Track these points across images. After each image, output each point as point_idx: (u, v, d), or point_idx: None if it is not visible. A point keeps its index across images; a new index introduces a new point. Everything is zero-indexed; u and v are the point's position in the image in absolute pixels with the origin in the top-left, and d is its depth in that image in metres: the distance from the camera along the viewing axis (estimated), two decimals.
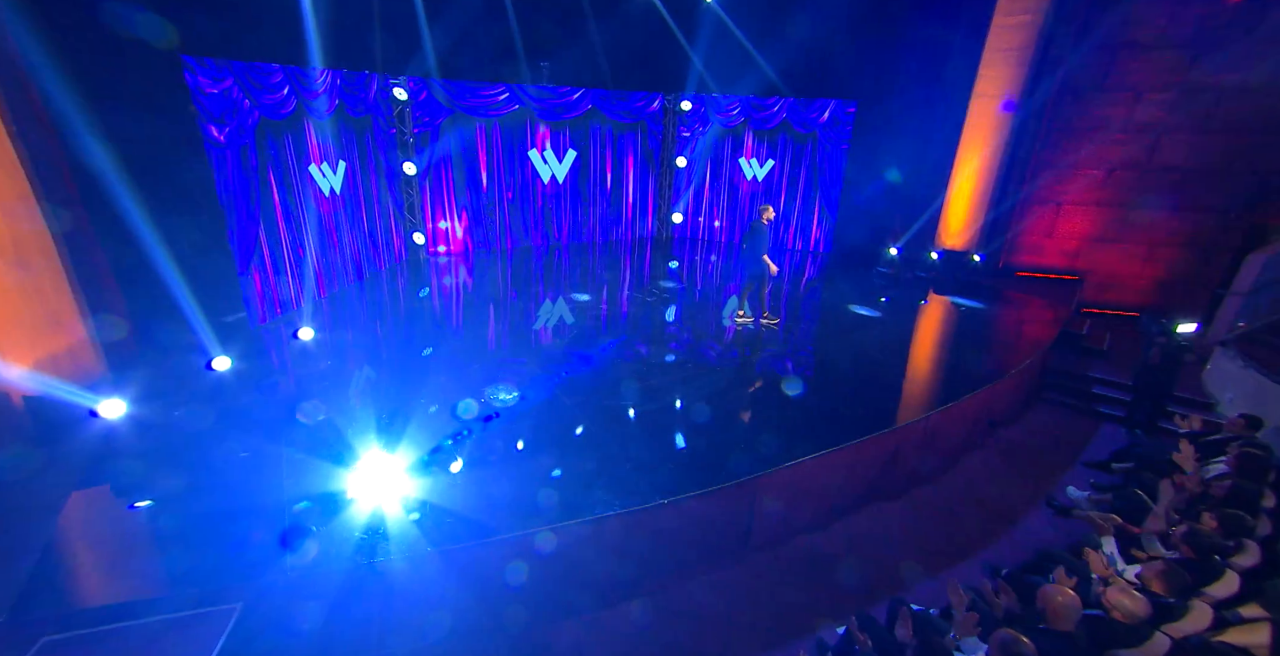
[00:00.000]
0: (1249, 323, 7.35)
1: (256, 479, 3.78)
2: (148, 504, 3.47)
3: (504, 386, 5.17)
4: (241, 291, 5.58)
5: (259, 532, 3.20)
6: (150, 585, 2.97)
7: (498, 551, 3.43)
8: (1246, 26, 7.47)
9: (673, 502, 3.78)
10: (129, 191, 4.37)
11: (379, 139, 7.97)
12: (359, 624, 3.25)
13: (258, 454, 3.95)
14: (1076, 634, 2.77)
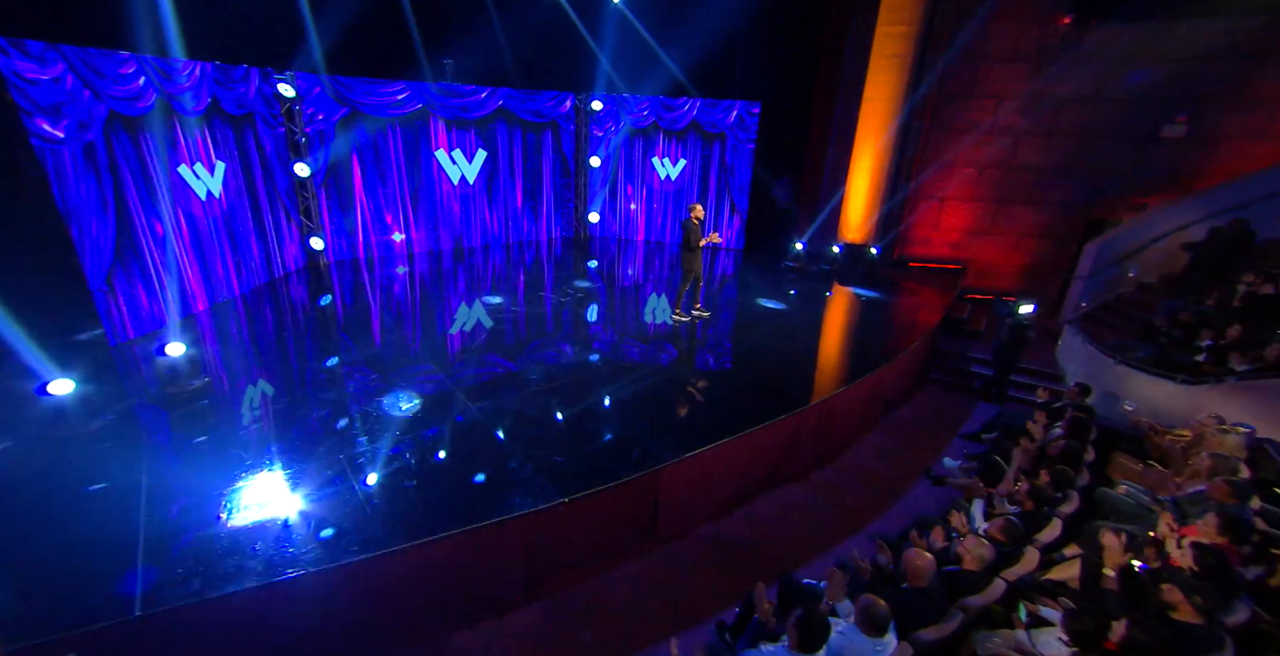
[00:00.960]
0: (1089, 303, 8.39)
1: (102, 514, 3.47)
2: None
3: (404, 395, 5.02)
4: (97, 306, 5.06)
5: (102, 573, 2.94)
6: None
7: (390, 565, 3.34)
8: (1073, 45, 8.47)
9: (574, 501, 3.83)
10: None
11: (265, 138, 7.45)
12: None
13: (111, 485, 3.63)
14: (931, 588, 3.08)
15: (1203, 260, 7.67)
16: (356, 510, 3.66)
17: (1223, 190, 8.00)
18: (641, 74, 10.33)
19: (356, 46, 8.02)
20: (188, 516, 3.51)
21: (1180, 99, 8.49)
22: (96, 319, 5.09)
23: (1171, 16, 8.17)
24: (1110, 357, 6.48)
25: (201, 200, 6.44)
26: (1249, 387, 5.44)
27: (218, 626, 2.95)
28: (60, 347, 4.39)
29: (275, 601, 3.06)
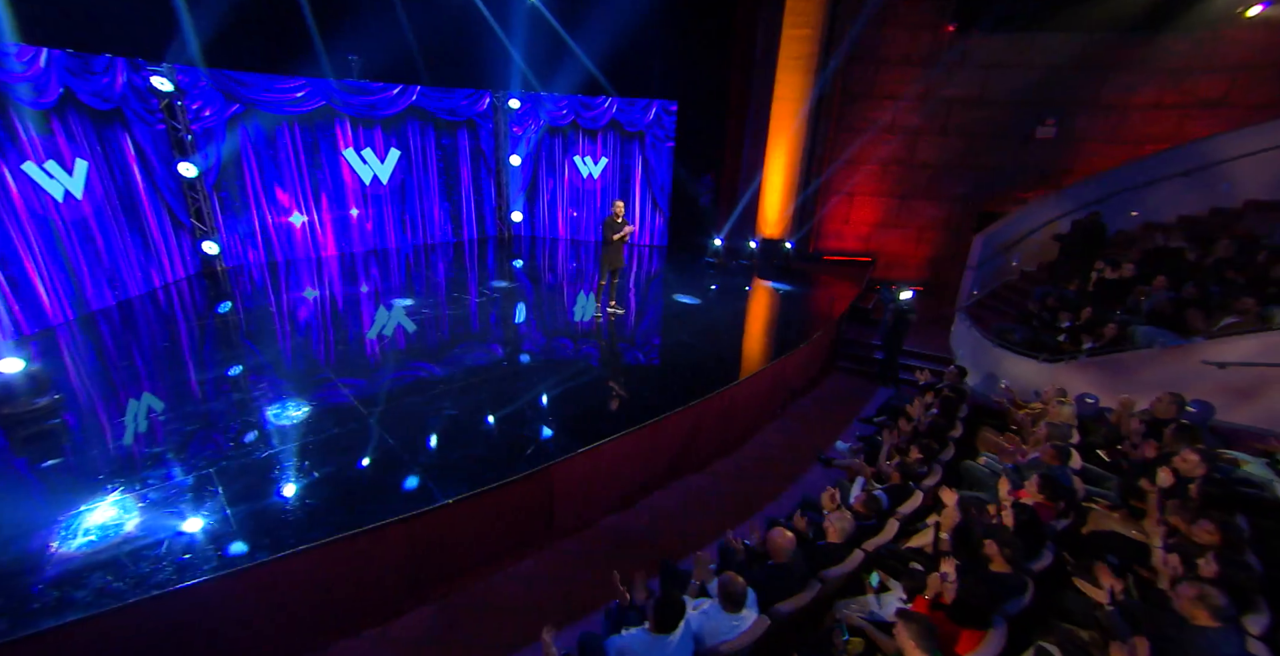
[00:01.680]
0: (980, 291, 9.05)
1: None
2: None
3: (292, 403, 4.84)
4: None
5: None
6: None
7: (254, 578, 3.23)
8: (958, 51, 9.10)
9: (459, 501, 3.81)
10: None
11: (141, 135, 6.95)
12: None
13: None
14: (791, 563, 3.27)
15: (1068, 250, 8.42)
16: (221, 524, 3.51)
17: (1084, 186, 8.80)
18: (560, 73, 10.30)
19: (250, 40, 7.60)
20: (15, 545, 3.27)
21: (1049, 103, 9.28)
22: None
23: (1037, 28, 8.91)
24: (989, 340, 7.03)
25: (58, 201, 5.94)
26: (1094, 363, 6.04)
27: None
28: None
29: (121, 627, 2.90)
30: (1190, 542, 3.19)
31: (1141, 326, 6.08)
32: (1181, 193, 8.42)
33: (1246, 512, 3.57)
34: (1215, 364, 5.48)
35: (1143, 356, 5.85)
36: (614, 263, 6.92)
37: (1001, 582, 3.07)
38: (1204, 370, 5.54)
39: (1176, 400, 4.67)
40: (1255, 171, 7.57)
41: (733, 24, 9.90)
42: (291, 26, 7.87)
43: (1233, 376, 5.44)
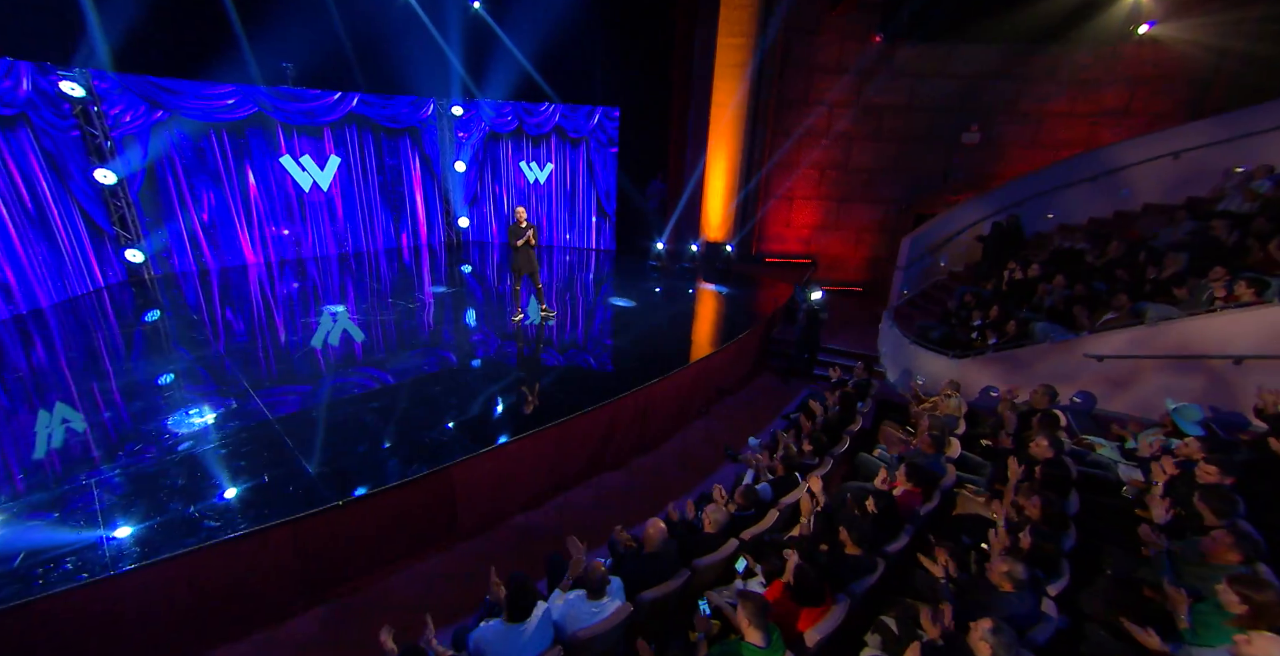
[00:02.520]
0: (910, 290, 9.40)
1: None
2: None
3: (195, 409, 4.86)
4: None
5: None
6: None
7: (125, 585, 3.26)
8: (886, 60, 9.47)
9: (349, 503, 3.89)
10: None
11: (49, 142, 6.85)
12: None
13: None
14: (662, 552, 3.42)
15: (988, 251, 8.81)
16: (96, 529, 3.53)
17: (1005, 190, 9.20)
18: (503, 79, 10.42)
19: (175, 45, 7.57)
20: None
21: (973, 111, 9.70)
22: None
23: (958, 40, 9.32)
24: (906, 337, 7.32)
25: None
26: (997, 358, 6.35)
27: None
28: None
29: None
30: (1024, 518, 3.45)
31: (1040, 323, 6.44)
32: (1091, 196, 8.87)
33: (1084, 491, 3.85)
34: (1095, 356, 5.83)
35: (1037, 351, 6.18)
36: (526, 267, 6.99)
37: (851, 564, 3.27)
38: (1086, 363, 5.89)
39: (1048, 391, 4.97)
40: (1150, 176, 8.03)
41: (672, 32, 10.13)
42: (219, 32, 7.84)
43: (1110, 368, 5.80)
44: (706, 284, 9.83)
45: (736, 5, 9.08)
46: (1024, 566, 2.90)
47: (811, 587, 2.98)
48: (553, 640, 2.95)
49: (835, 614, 3.00)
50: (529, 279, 7.17)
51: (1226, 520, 3.23)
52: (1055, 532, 3.38)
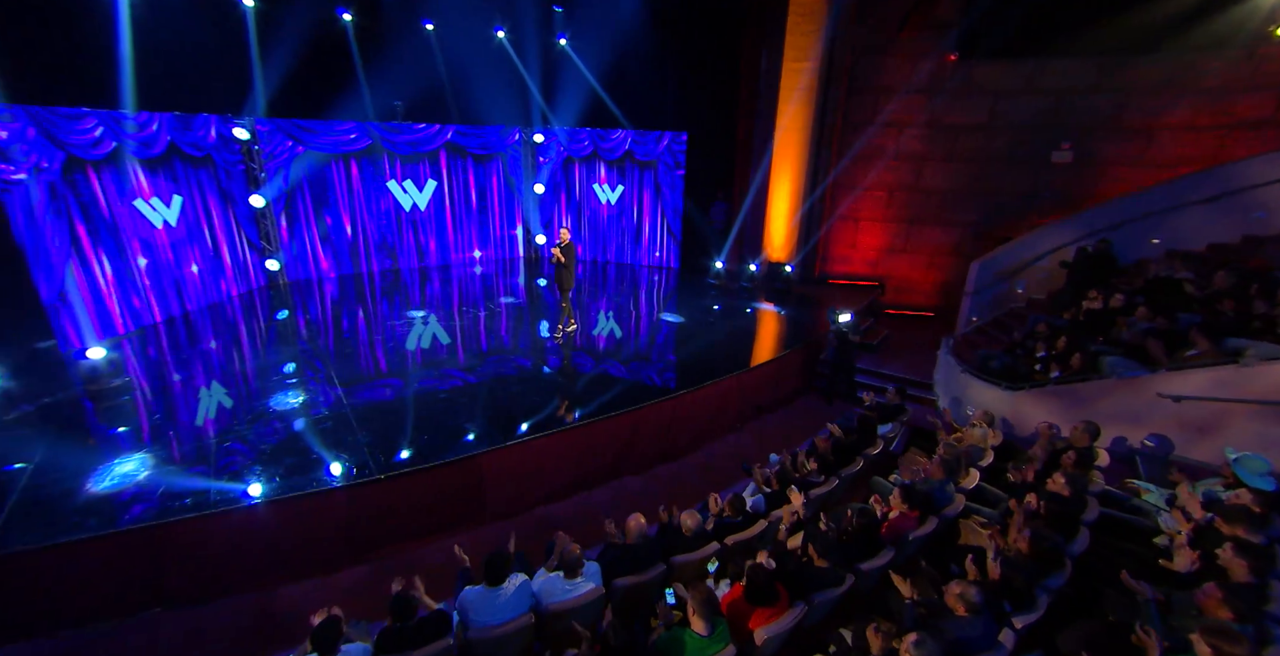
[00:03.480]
0: (981, 318, 8.86)
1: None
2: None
3: (289, 392, 5.92)
4: (51, 320, 6.17)
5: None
6: None
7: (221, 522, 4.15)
8: (962, 78, 9.13)
9: (391, 477, 4.60)
10: None
11: (224, 175, 8.63)
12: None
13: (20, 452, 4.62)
14: (640, 545, 3.73)
15: (1073, 277, 8.12)
16: (208, 485, 4.50)
17: (1098, 211, 8.46)
18: (579, 108, 11.33)
19: (311, 91, 9.20)
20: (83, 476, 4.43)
21: (1063, 128, 9.05)
22: (50, 331, 6.18)
23: (1045, 54, 8.79)
24: (959, 365, 6.99)
25: (157, 228, 7.58)
26: (1055, 392, 5.92)
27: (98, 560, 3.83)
28: (13, 355, 5.48)
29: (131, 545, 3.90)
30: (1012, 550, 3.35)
31: (1111, 357, 5.93)
32: (1211, 219, 7.93)
33: (1109, 535, 3.63)
34: (1171, 397, 5.29)
35: (1100, 386, 5.71)
36: (569, 284, 7.49)
37: (817, 575, 3.38)
38: (1160, 403, 5.36)
39: (1089, 429, 4.64)
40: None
41: (739, 59, 10.49)
42: (344, 77, 9.43)
43: (1191, 411, 5.22)
44: (763, 304, 9.92)
45: (802, 32, 9.28)
46: (978, 591, 2.89)
47: (764, 588, 3.15)
48: (529, 608, 3.37)
49: (788, 617, 3.15)
50: (567, 295, 7.68)
51: (1260, 579, 2.96)
52: (1042, 567, 3.25)
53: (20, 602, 3.75)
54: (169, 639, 3.95)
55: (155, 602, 4.10)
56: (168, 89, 7.34)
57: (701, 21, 10.43)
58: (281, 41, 8.61)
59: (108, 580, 3.93)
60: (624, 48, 10.53)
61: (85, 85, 6.46)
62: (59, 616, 3.84)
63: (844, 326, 7.30)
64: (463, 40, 10.18)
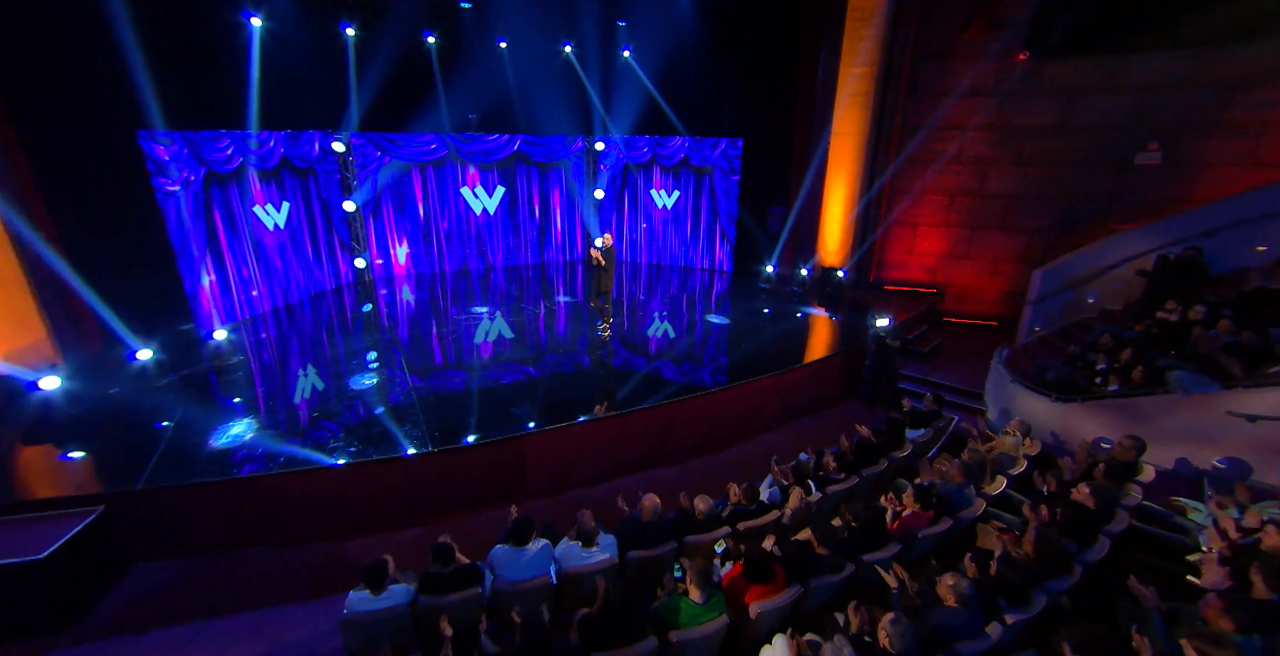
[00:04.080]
0: (1044, 327, 8.44)
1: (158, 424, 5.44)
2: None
3: (368, 374, 6.75)
4: (190, 307, 7.40)
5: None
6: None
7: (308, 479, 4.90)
8: (1032, 79, 8.74)
9: (441, 451, 5.20)
10: (92, 238, 6.28)
11: (323, 183, 9.83)
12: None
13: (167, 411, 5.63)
14: (653, 523, 4.07)
15: (1151, 287, 7.59)
16: (298, 449, 5.30)
17: (1187, 217, 7.86)
18: (639, 116, 11.81)
19: (396, 107, 10.26)
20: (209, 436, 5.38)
21: (1149, 127, 8.44)
22: (189, 314, 7.41)
23: (1128, 49, 8.26)
24: (1008, 375, 6.77)
25: (270, 230, 8.80)
26: (1110, 406, 5.66)
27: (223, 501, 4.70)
28: (164, 334, 6.68)
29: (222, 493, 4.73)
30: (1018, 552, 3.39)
31: (1179, 372, 5.59)
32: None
33: (1139, 550, 3.57)
34: (1244, 416, 4.95)
35: (1162, 402, 5.43)
36: (607, 285, 7.94)
37: (815, 561, 3.57)
38: (1232, 423, 5.03)
39: (1135, 444, 4.47)
40: None
41: (796, 66, 10.56)
42: (426, 93, 10.44)
43: (1267, 432, 4.87)
44: (813, 308, 9.92)
45: (860, 37, 9.25)
46: (970, 584, 3.00)
47: (761, 566, 3.39)
48: (549, 569, 3.79)
49: (784, 596, 3.37)
50: (604, 297, 8.12)
51: (1276, 595, 2.89)
52: (1045, 571, 3.27)
53: (160, 528, 4.65)
54: (263, 572, 4.73)
55: (256, 541, 4.91)
56: (282, 110, 8.53)
57: (758, 30, 10.60)
58: (374, 63, 9.70)
59: (221, 519, 4.77)
60: (682, 57, 10.89)
61: (222, 111, 7.69)
62: (185, 543, 4.72)
63: (881, 331, 7.26)
64: (531, 55, 10.95)
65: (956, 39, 8.99)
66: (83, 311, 6.38)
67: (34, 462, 5.08)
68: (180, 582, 4.60)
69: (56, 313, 6.21)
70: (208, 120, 7.50)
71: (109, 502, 4.42)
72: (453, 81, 10.61)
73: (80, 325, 6.55)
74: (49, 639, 3.96)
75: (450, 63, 10.50)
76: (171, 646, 4.04)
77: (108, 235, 6.62)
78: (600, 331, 8.32)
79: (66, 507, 4.31)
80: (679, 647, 3.14)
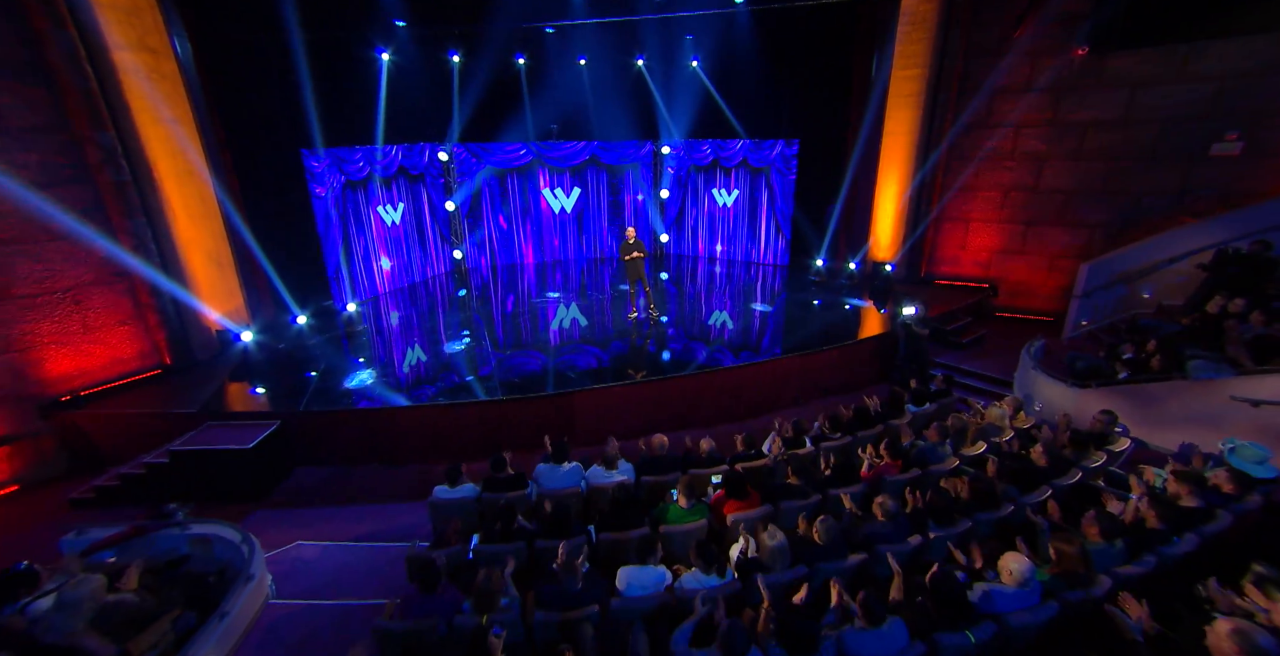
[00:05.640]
0: (1091, 321, 8.43)
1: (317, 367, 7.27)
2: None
3: (458, 342, 8.32)
4: (330, 286, 9.43)
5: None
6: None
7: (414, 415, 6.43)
8: (1092, 73, 8.67)
9: (505, 400, 6.53)
10: (268, 230, 8.35)
11: (430, 187, 11.73)
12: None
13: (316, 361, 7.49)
14: (667, 457, 5.09)
15: (1213, 282, 7.43)
16: (401, 393, 6.87)
17: (1258, 210, 7.60)
18: (703, 121, 12.75)
19: (489, 120, 11.95)
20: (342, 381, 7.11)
21: (1225, 117, 8.15)
22: (329, 293, 9.45)
23: (1203, 36, 8.03)
24: (1030, 362, 7.04)
25: (388, 226, 10.77)
26: (1123, 391, 5.91)
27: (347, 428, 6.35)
28: (314, 309, 8.67)
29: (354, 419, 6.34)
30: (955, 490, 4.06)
31: (1198, 360, 5.76)
32: None
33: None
34: (1248, 401, 5.13)
35: (1170, 387, 5.66)
36: (634, 274, 8.86)
37: (787, 488, 4.43)
38: (1236, 407, 5.22)
39: (1107, 417, 4.87)
40: None
41: (850, 70, 11.01)
42: (515, 106, 12.04)
43: (1271, 416, 5.03)
44: (860, 300, 10.37)
45: (912, 40, 9.60)
46: (895, 504, 3.78)
47: (737, 485, 4.34)
48: (580, 483, 4.94)
49: (756, 511, 4.29)
50: (640, 284, 9.09)
51: (1164, 524, 3.44)
52: (978, 505, 3.92)
53: (312, 442, 6.37)
54: (379, 482, 6.31)
55: (372, 459, 6.52)
56: (400, 127, 10.42)
57: (814, 37, 11.16)
58: (473, 83, 11.42)
59: (350, 440, 6.41)
60: (742, 65, 11.69)
61: (358, 131, 9.68)
62: (327, 455, 6.41)
63: (908, 319, 7.70)
64: (606, 69, 12.23)
65: (1008, 37, 9.09)
66: (265, 286, 8.50)
67: (237, 390, 7.05)
68: (324, 482, 6.29)
69: (249, 286, 8.34)
70: (347, 139, 9.48)
71: (282, 419, 6.17)
72: (537, 96, 12.15)
73: (262, 296, 8.69)
74: (249, 505, 5.72)
75: (535, 79, 12.04)
76: (319, 520, 5.66)
77: (279, 229, 8.72)
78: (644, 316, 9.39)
79: (258, 419, 6.10)
80: (665, 537, 4.16)
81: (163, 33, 6.60)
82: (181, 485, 5.61)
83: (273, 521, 5.59)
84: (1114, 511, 3.73)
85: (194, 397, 6.64)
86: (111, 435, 6.21)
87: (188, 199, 7.12)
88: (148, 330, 7.04)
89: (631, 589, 3.51)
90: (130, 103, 6.29)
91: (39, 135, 5.89)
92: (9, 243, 5.76)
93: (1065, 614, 3.09)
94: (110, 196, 6.41)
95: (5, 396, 5.81)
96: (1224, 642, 2.25)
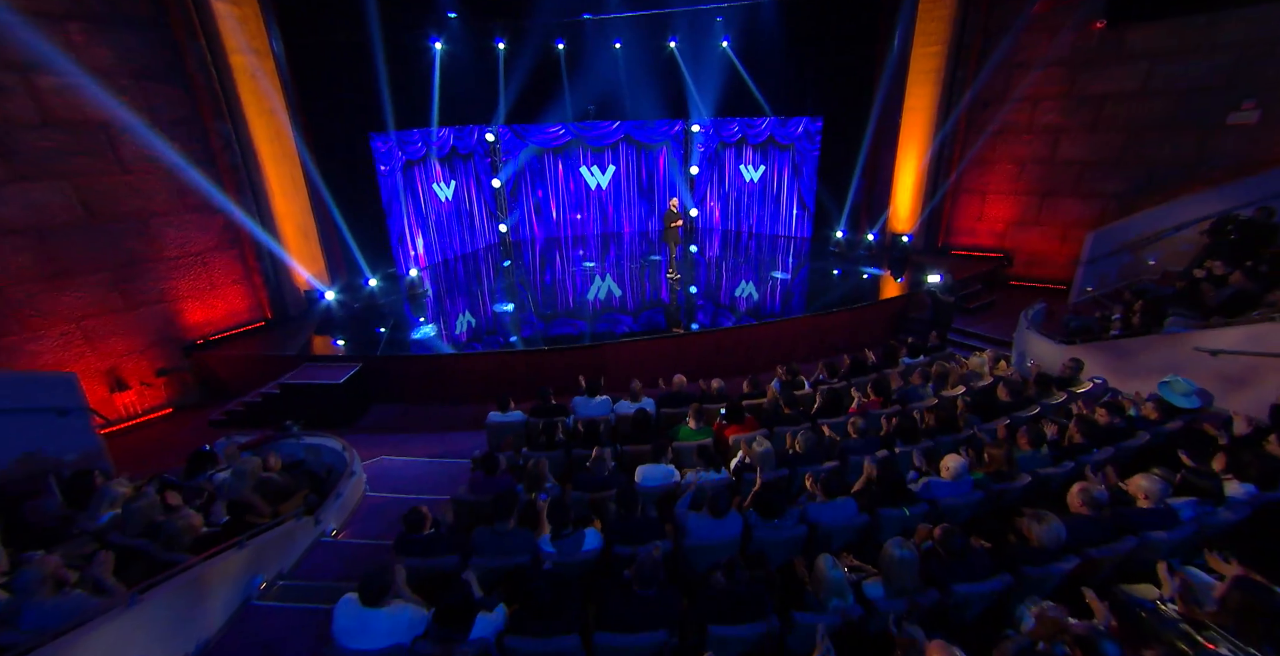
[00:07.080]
0: (1097, 288, 8.85)
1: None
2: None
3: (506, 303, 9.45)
4: (394, 254, 10.70)
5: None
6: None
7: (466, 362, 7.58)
8: (1111, 46, 8.86)
9: (548, 350, 7.59)
10: (343, 205, 9.58)
11: (478, 165, 12.81)
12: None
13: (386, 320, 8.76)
14: (682, 391, 6.05)
15: (1212, 247, 7.76)
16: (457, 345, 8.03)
17: (1266, 177, 7.82)
18: (731, 100, 13.30)
19: (531, 102, 12.85)
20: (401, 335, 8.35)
21: (1245, 86, 8.30)
22: (393, 260, 10.73)
23: (1225, 5, 8.14)
24: (1024, 322, 7.62)
25: (442, 202, 11.94)
26: (1106, 347, 6.50)
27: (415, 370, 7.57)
28: (381, 274, 9.94)
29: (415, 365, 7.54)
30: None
31: (1173, 317, 6.29)
32: None
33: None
34: (1207, 351, 5.68)
35: (1144, 342, 6.22)
36: (673, 240, 9.78)
37: (781, 416, 5.33)
38: (1198, 357, 5.79)
39: (1073, 364, 5.53)
40: None
41: (873, 46, 11.33)
42: (554, 89, 12.88)
43: (1228, 364, 5.58)
44: (878, 269, 10.95)
45: (932, 17, 9.92)
46: (866, 423, 4.63)
47: (736, 413, 5.26)
48: (609, 412, 5.97)
49: (753, 433, 5.21)
50: (680, 248, 9.99)
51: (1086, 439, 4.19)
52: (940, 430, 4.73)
53: (386, 383, 7.62)
54: (441, 418, 7.52)
55: (435, 400, 7.73)
56: (452, 110, 11.47)
57: (837, 16, 11.51)
58: (517, 68, 12.31)
59: (417, 382, 7.63)
60: (769, 45, 12.15)
61: (416, 115, 10.77)
62: (398, 394, 7.66)
63: (933, 286, 8.29)
64: (640, 52, 12.90)
65: (1026, 13, 9.32)
66: (340, 254, 9.81)
67: (321, 341, 8.38)
68: (395, 417, 7.55)
69: (329, 253, 9.65)
70: (407, 122, 10.60)
71: (363, 362, 7.42)
72: (575, 78, 12.95)
73: (339, 262, 10.00)
74: (341, 429, 7.02)
75: (574, 63, 12.81)
76: (394, 443, 6.90)
77: (351, 202, 9.97)
78: (670, 278, 10.32)
79: (344, 362, 7.38)
80: (676, 452, 5.13)
81: (264, 36, 7.79)
82: (288, 412, 6.92)
83: (359, 443, 6.82)
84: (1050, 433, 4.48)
85: (291, 344, 7.99)
86: (233, 372, 7.62)
87: (283, 178, 8.39)
88: (254, 289, 8.43)
89: (646, 480, 4.51)
90: (242, 97, 7.54)
91: (178, 126, 7.22)
92: (162, 214, 7.19)
93: (989, 501, 3.93)
94: (227, 176, 7.73)
95: (161, 338, 7.30)
96: (1074, 498, 3.07)
